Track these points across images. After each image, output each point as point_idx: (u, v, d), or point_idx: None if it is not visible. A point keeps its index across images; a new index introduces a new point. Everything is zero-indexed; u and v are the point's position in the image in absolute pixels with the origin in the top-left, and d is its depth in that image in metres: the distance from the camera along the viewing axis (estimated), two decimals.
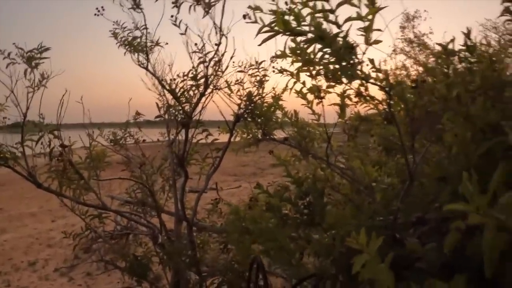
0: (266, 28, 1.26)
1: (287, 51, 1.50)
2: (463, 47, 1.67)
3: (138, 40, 2.53)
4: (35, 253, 5.21)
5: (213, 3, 1.63)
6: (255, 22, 1.21)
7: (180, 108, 1.85)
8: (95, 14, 2.11)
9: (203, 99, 1.85)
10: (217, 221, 2.68)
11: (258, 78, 2.10)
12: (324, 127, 2.09)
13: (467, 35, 1.61)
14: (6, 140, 2.19)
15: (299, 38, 1.37)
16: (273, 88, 2.17)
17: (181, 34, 1.73)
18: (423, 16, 8.92)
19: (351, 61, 1.26)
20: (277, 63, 2.03)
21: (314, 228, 1.80)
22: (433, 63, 1.89)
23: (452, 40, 1.73)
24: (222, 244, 2.32)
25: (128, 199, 2.80)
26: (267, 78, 2.10)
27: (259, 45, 1.26)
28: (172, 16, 1.70)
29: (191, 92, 1.83)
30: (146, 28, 2.45)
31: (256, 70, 2.10)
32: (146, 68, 1.97)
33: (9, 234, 6.09)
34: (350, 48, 1.27)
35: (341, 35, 1.27)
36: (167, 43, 2.34)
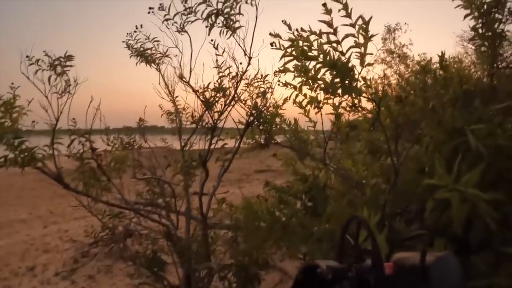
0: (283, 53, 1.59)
1: (291, 68, 1.83)
2: (439, 66, 2.07)
3: (149, 51, 2.82)
4: (32, 259, 5.25)
5: (237, 28, 1.97)
6: (279, 49, 1.53)
7: (210, 115, 2.15)
8: (134, 31, 2.38)
9: (228, 108, 2.16)
10: (222, 219, 2.94)
11: (263, 90, 2.43)
12: (322, 133, 2.42)
13: (442, 58, 2.01)
14: (31, 143, 2.38)
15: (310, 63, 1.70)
16: (274, 100, 2.50)
17: (218, 55, 2.05)
18: (403, 29, 9.56)
19: (351, 80, 1.61)
20: (280, 77, 2.36)
21: (317, 218, 2.12)
22: (412, 76, 2.28)
23: (429, 61, 2.13)
24: (232, 238, 2.59)
25: (140, 200, 3.02)
26: (271, 90, 2.43)
27: (281, 67, 1.58)
28: (212, 40, 2.02)
29: (215, 102, 2.14)
30: (158, 41, 2.74)
31: (262, 83, 2.42)
32: (187, 82, 2.25)
33: (2, 241, 6.07)
34: (350, 70, 1.62)
35: (343, 59, 1.61)
36: (176, 55, 2.63)
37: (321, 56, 1.62)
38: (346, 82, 1.55)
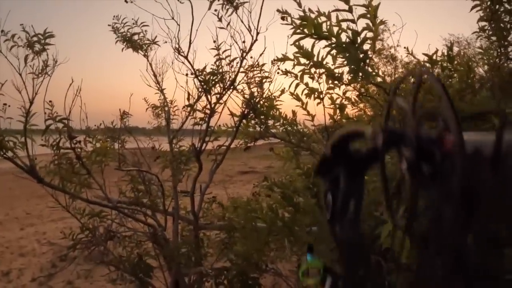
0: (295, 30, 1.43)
1: (296, 52, 1.68)
2: (444, 58, 1.97)
3: (136, 37, 2.61)
4: (7, 263, 4.90)
5: (240, 4, 1.80)
6: (290, 24, 1.37)
7: (207, 99, 1.96)
8: (125, 1, 2.16)
9: (228, 92, 1.97)
10: (212, 220, 2.74)
11: (260, 79, 2.26)
12: (324, 127, 2.27)
13: (450, 48, 1.91)
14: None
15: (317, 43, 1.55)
16: (269, 91, 2.34)
17: (221, 28, 1.86)
18: (391, 30, 9.61)
19: (366, 63, 1.47)
20: (279, 65, 2.20)
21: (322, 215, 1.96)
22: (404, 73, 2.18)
23: (436, 52, 2.03)
24: (225, 239, 2.39)
25: (123, 199, 2.78)
26: (270, 79, 2.26)
27: (291, 44, 1.42)
28: (215, 10, 1.83)
29: (215, 84, 1.95)
30: (147, 25, 2.54)
31: (259, 72, 2.26)
32: (185, 57, 2.04)
33: None
34: (365, 53, 1.48)
35: (358, 39, 1.47)
36: (165, 42, 2.42)
37: (333, 37, 1.47)
38: (361, 64, 1.41)
